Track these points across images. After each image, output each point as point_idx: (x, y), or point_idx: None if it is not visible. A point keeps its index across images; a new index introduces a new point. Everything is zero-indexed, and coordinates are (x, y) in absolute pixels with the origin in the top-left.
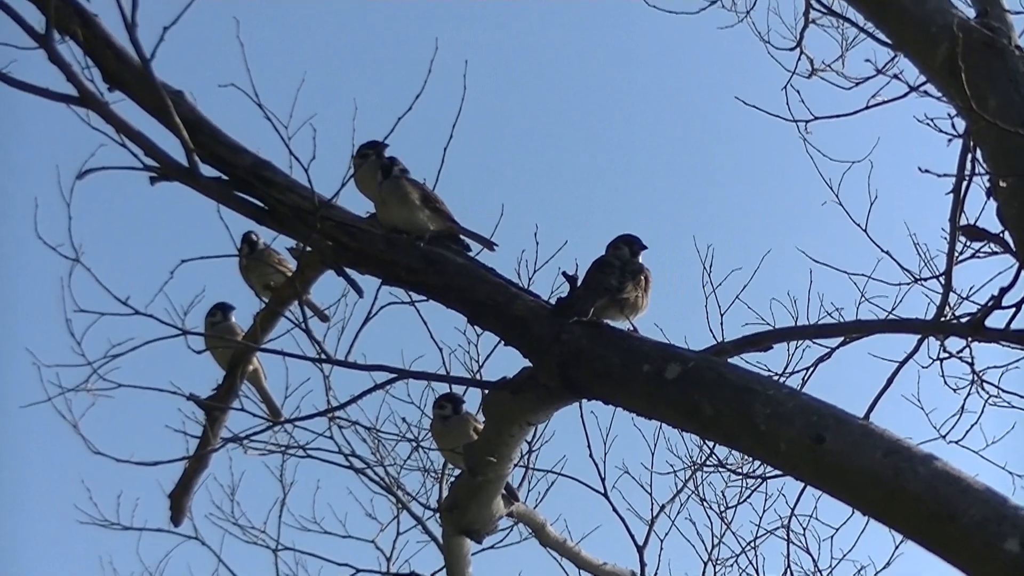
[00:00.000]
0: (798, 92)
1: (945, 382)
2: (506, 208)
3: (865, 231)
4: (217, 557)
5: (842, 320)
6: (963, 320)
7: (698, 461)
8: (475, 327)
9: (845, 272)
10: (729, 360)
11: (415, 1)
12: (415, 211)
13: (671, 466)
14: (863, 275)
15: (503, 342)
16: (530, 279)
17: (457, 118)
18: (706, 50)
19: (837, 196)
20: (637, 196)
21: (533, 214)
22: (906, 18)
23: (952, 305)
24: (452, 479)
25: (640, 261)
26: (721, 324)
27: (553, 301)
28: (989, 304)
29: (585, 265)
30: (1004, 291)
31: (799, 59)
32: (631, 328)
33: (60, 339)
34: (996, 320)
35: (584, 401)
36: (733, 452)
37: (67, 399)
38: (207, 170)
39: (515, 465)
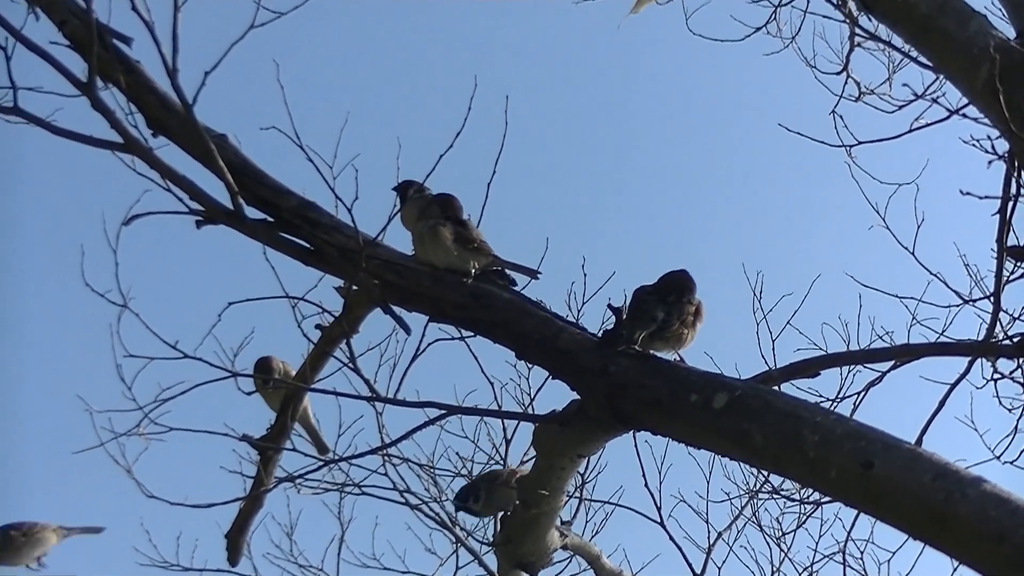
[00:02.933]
0: (840, 117)
1: (1000, 402)
2: (554, 241)
3: (913, 254)
4: None
5: (892, 344)
6: (1010, 340)
7: (754, 488)
8: (523, 361)
9: (895, 296)
10: (778, 387)
11: (459, 38)
12: (451, 253)
13: (727, 493)
14: (913, 298)
15: (551, 375)
16: (579, 312)
17: (499, 155)
18: (752, 77)
19: (884, 220)
20: (685, 225)
21: (580, 246)
22: (947, 41)
23: (1005, 325)
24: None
25: (695, 296)
26: (773, 350)
27: (600, 333)
28: None
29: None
30: None
31: (846, 83)
32: (678, 359)
33: (111, 385)
34: None
35: (633, 432)
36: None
37: (120, 444)
38: (252, 212)
39: (569, 497)
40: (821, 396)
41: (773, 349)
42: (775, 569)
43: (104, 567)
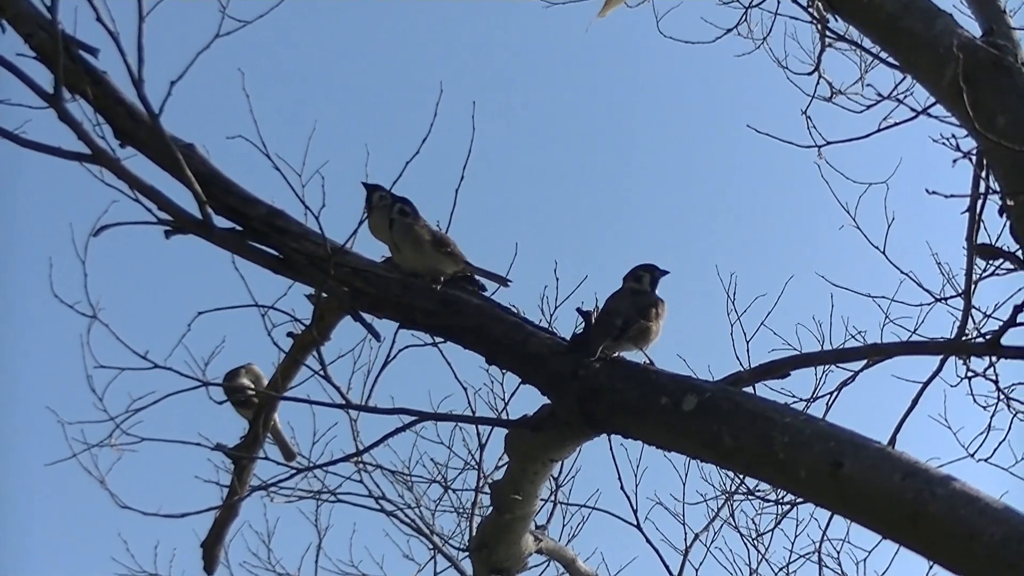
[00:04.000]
0: (809, 119)
1: (974, 400)
2: (524, 245)
3: (884, 253)
4: None
5: (864, 343)
6: (981, 338)
7: (729, 489)
8: (494, 366)
9: (867, 295)
10: (749, 389)
11: (426, 44)
12: (428, 255)
13: (703, 495)
14: (885, 297)
15: (522, 380)
16: (551, 316)
17: (467, 160)
18: (723, 78)
19: (855, 219)
20: (657, 227)
21: (552, 251)
22: (913, 41)
23: (977, 323)
24: (481, 519)
25: (655, 294)
26: (747, 351)
27: (569, 338)
28: (1006, 322)
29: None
30: (1019, 308)
31: (817, 83)
32: (647, 361)
33: (82, 396)
34: (1018, 337)
35: (607, 436)
36: None
37: (93, 455)
38: (221, 222)
39: (544, 501)
40: (794, 396)
41: (747, 350)
42: (752, 570)
43: None
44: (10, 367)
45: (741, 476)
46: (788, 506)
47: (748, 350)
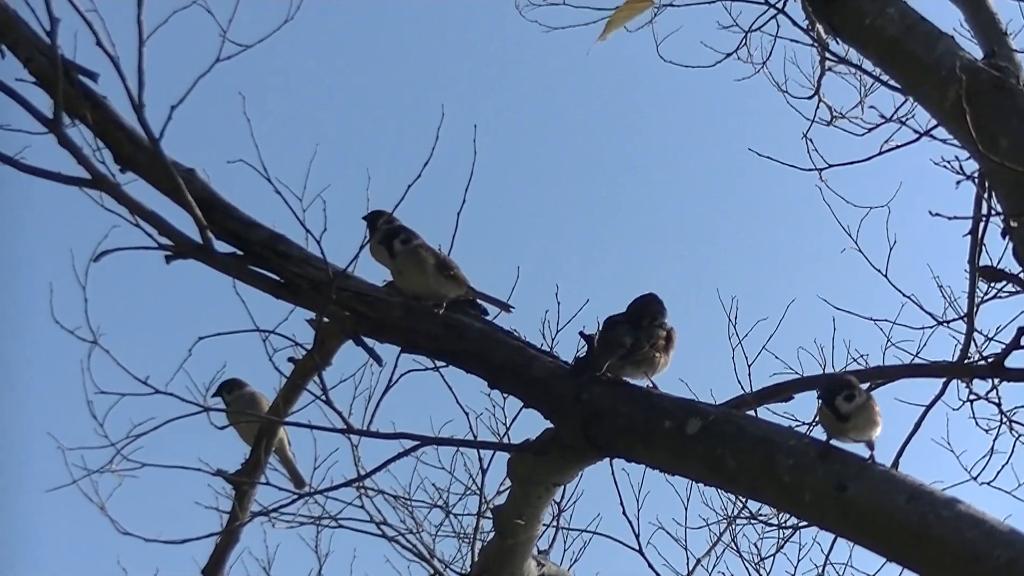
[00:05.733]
0: (811, 141)
1: (976, 423)
2: (527, 270)
3: (886, 276)
4: None
5: (866, 366)
6: (984, 361)
7: (732, 514)
8: (496, 390)
9: (869, 319)
10: (752, 412)
11: (428, 69)
12: (431, 279)
13: (705, 520)
14: (887, 320)
15: (524, 404)
16: (553, 340)
17: (469, 183)
18: (723, 103)
19: (856, 243)
20: (659, 252)
21: (553, 275)
22: (916, 64)
23: (980, 346)
24: (483, 544)
25: (667, 322)
26: (749, 375)
27: (572, 361)
28: (1009, 344)
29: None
30: (1023, 331)
31: (818, 107)
32: (651, 385)
33: (83, 422)
34: (1021, 359)
35: (609, 459)
36: None
37: (93, 481)
38: (222, 246)
39: (546, 527)
40: (797, 420)
41: (749, 374)
42: None
43: None
44: (11, 393)
45: (744, 500)
46: (791, 530)
47: (750, 374)
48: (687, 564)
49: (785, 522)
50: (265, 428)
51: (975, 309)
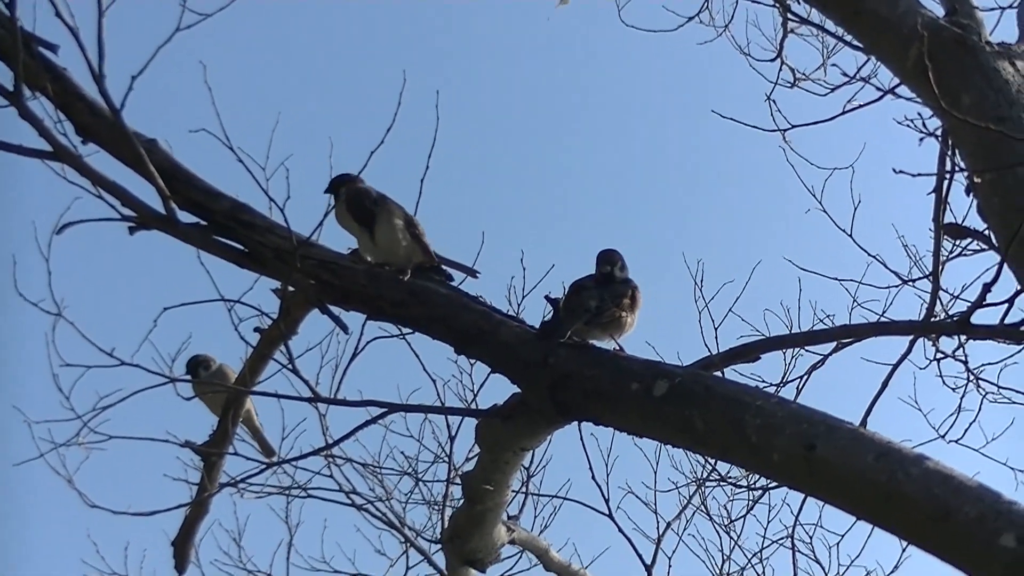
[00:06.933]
0: (774, 102)
1: (944, 382)
2: (491, 234)
3: (851, 236)
4: None
5: (833, 325)
6: (950, 319)
7: (701, 476)
8: (463, 356)
9: (835, 279)
10: (720, 373)
11: (388, 34)
12: (401, 236)
13: (674, 483)
14: (853, 280)
15: (492, 369)
16: (519, 305)
17: (431, 150)
18: (686, 66)
19: (821, 203)
20: (623, 215)
21: (518, 240)
22: (877, 22)
23: (945, 304)
24: (452, 510)
25: (628, 278)
26: (716, 338)
27: (538, 326)
28: (975, 302)
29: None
30: (988, 287)
31: (780, 70)
32: (617, 348)
33: (48, 395)
34: (987, 316)
35: (578, 424)
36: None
37: (60, 454)
38: (185, 217)
39: (515, 492)
40: (764, 381)
41: (716, 337)
42: (725, 557)
43: None
44: None
45: (713, 463)
46: (760, 492)
47: (716, 337)
48: (657, 528)
49: (755, 483)
50: (232, 399)
51: (940, 267)
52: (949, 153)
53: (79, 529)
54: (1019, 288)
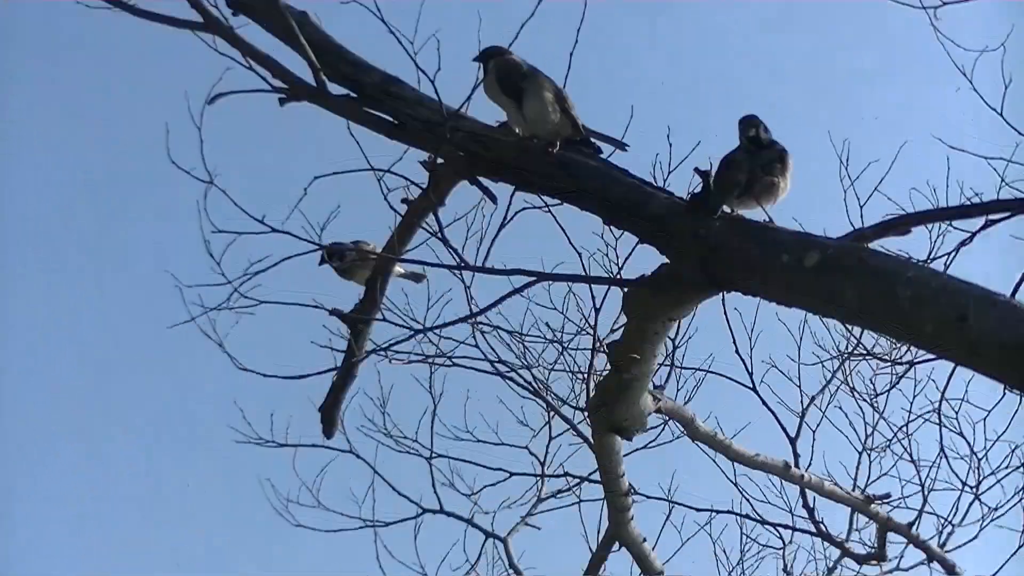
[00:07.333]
0: None
1: None
2: (640, 108)
3: (1001, 115)
4: (372, 468)
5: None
6: None
7: (845, 351)
8: (611, 228)
9: (983, 157)
10: (869, 246)
11: None
12: (550, 109)
13: (818, 357)
14: (1002, 158)
15: (640, 240)
16: (665, 180)
17: (581, 23)
18: None
19: (971, 82)
20: (768, 92)
21: (666, 115)
22: None
23: None
24: (599, 379)
25: (775, 140)
26: (861, 217)
27: (687, 197)
28: None
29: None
30: None
31: None
32: (767, 220)
33: (200, 260)
34: None
35: (724, 294)
36: (880, 340)
37: (211, 318)
38: (335, 89)
39: (659, 365)
40: (913, 257)
41: (861, 216)
42: (871, 430)
43: (200, 445)
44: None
45: (858, 337)
46: (906, 366)
47: (862, 216)
48: (800, 402)
49: (900, 358)
50: (380, 267)
51: None
52: None
53: (227, 393)
54: None
